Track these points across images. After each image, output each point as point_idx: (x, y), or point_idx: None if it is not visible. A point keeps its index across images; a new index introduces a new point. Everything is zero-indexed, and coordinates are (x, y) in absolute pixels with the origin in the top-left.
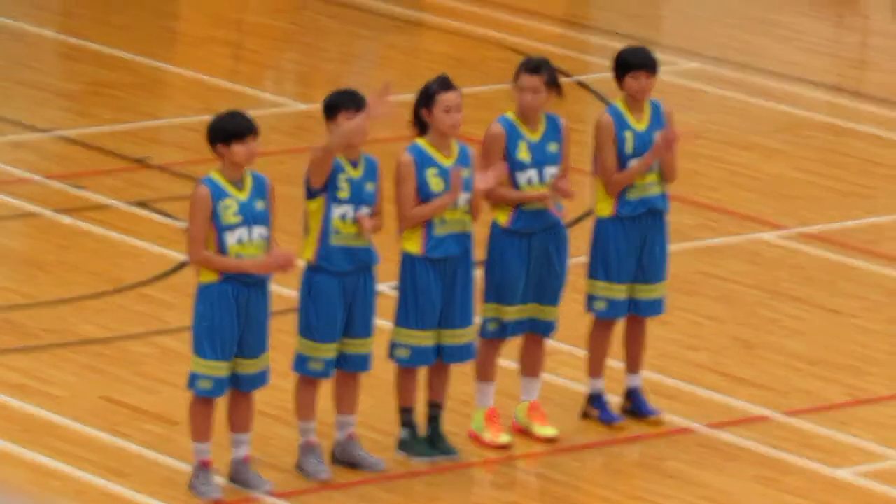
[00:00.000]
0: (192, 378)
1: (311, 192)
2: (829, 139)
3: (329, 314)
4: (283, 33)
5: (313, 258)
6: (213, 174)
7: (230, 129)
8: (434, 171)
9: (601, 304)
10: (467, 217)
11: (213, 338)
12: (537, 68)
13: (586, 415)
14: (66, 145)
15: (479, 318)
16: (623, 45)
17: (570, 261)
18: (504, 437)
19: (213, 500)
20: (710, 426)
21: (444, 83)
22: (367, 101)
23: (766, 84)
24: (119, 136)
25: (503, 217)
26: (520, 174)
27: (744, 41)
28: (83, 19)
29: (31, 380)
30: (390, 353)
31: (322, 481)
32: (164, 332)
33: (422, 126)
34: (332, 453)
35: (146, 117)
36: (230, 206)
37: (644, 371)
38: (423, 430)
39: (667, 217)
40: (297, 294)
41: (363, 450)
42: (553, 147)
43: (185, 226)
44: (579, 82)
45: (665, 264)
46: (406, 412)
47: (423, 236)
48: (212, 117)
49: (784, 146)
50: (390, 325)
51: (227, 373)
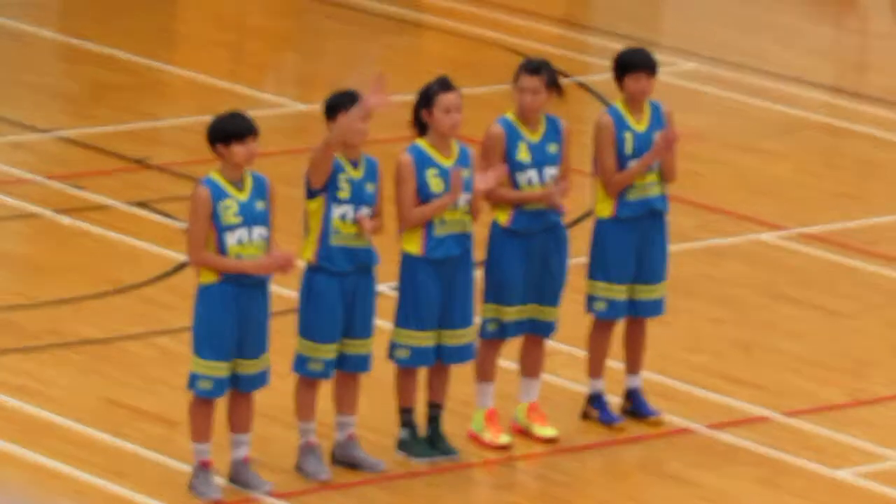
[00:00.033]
0: (192, 378)
1: (311, 192)
2: (828, 140)
3: (329, 315)
4: (283, 34)
5: (313, 258)
6: (213, 175)
7: (230, 130)
8: (434, 171)
9: (601, 305)
10: (467, 217)
11: (213, 338)
12: (537, 69)
13: (586, 415)
14: (66, 146)
15: (478, 319)
16: (622, 46)
17: (570, 261)
18: (504, 438)
19: (213, 501)
20: (709, 427)
21: (444, 84)
22: (362, 94)
23: (765, 85)
24: (119, 137)
25: (503, 217)
26: (520, 175)
27: (743, 42)
28: (83, 20)
29: (30, 380)
30: (390, 354)
31: (322, 482)
32: (163, 332)
33: (421, 127)
34: (331, 454)
35: (146, 118)
36: (230, 206)
37: (644, 372)
38: (423, 430)
39: (666, 218)
40: (296, 295)
41: (363, 450)
42: (553, 148)
43: (186, 226)
44: (579, 83)
45: (665, 265)
46: (406, 412)
47: (423, 237)
48: (212, 118)
49: (783, 147)
50: (390, 325)
51: (227, 373)
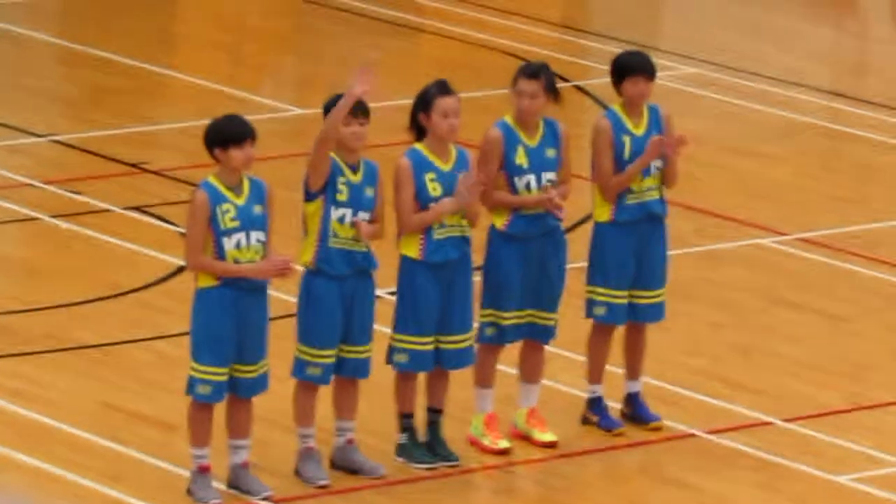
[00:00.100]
0: (191, 383)
1: (309, 195)
2: (827, 144)
3: (327, 319)
4: (282, 38)
5: (312, 261)
6: (211, 179)
7: (228, 134)
8: (432, 175)
9: (601, 310)
10: (466, 221)
11: (212, 343)
12: (535, 73)
13: (586, 420)
14: (64, 150)
15: (477, 323)
16: (621, 50)
17: (570, 266)
18: (503, 443)
19: None
20: (709, 432)
21: (443, 88)
22: (349, 81)
23: (764, 89)
24: (117, 141)
25: (500, 221)
26: (517, 179)
27: (742, 46)
28: (81, 24)
29: (28, 385)
30: (389, 359)
31: (321, 487)
32: (162, 337)
33: (419, 131)
34: (331, 459)
35: (144, 122)
36: (228, 210)
37: (643, 377)
38: (422, 435)
39: (665, 222)
40: (295, 299)
41: (362, 455)
42: (551, 153)
43: (184, 230)
44: (577, 87)
45: (665, 270)
46: (405, 417)
47: (421, 241)
48: (209, 122)
49: (783, 151)
50: (389, 330)
51: (225, 378)
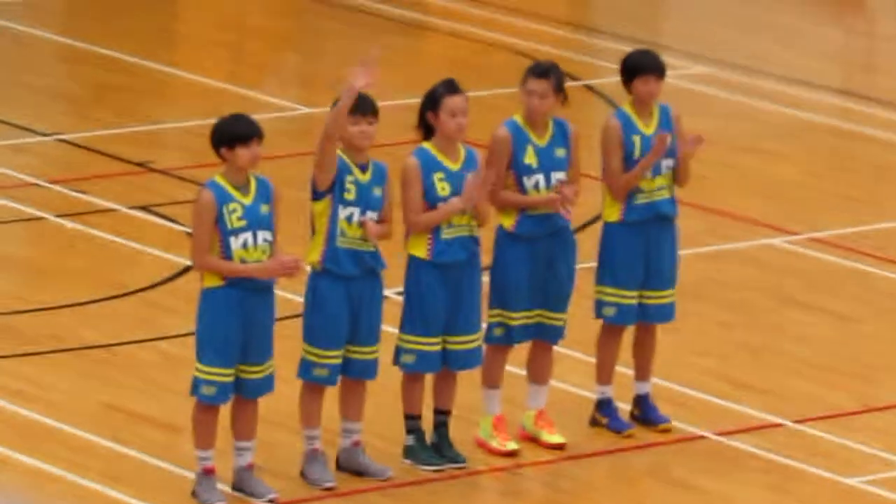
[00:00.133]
0: (196, 384)
1: (317, 194)
2: (837, 143)
3: (334, 320)
4: (287, 36)
5: (319, 260)
6: (218, 178)
7: (234, 133)
8: (441, 175)
9: (610, 310)
10: (474, 221)
11: (217, 343)
12: (545, 72)
13: (595, 422)
14: (69, 149)
15: (485, 324)
16: (629, 49)
17: (579, 266)
18: (511, 445)
19: None
20: (719, 434)
21: (451, 87)
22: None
23: (773, 88)
24: (122, 140)
25: (508, 222)
26: (526, 179)
27: (751, 44)
28: (85, 22)
29: (31, 385)
30: (396, 360)
31: (327, 489)
32: (167, 337)
33: (427, 130)
34: (337, 461)
35: (149, 121)
36: (235, 210)
37: (653, 378)
38: (429, 437)
39: (676, 222)
40: (302, 299)
41: (368, 457)
42: (560, 152)
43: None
44: (587, 86)
45: (675, 270)
46: (412, 419)
47: (429, 241)
48: (215, 121)
49: (792, 151)
50: (396, 330)
51: (230, 379)
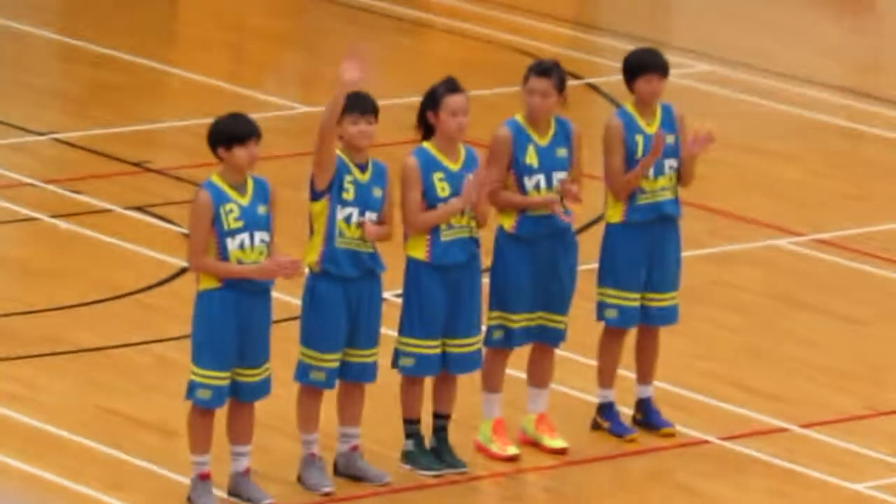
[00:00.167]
0: (191, 387)
1: (315, 194)
2: (844, 143)
3: (332, 323)
4: (285, 35)
5: (318, 261)
6: (215, 178)
7: (231, 132)
8: (441, 175)
9: (612, 313)
10: (474, 222)
11: (213, 346)
12: (547, 71)
13: (597, 426)
14: (64, 148)
15: (485, 326)
16: (632, 47)
17: (581, 267)
18: (512, 449)
19: None
20: (723, 438)
21: (451, 86)
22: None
23: (779, 87)
24: (118, 139)
25: (508, 223)
26: (527, 179)
27: (756, 43)
28: (82, 20)
29: (25, 389)
30: (395, 363)
31: (325, 495)
32: (163, 340)
33: (427, 129)
34: (335, 465)
35: (146, 120)
36: (232, 210)
37: (656, 382)
38: (428, 441)
39: (679, 223)
40: (299, 301)
41: (367, 462)
42: (562, 152)
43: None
44: (589, 84)
45: (678, 272)
46: (411, 423)
47: (428, 242)
48: (213, 120)
49: (798, 150)
50: (395, 333)
51: (227, 382)
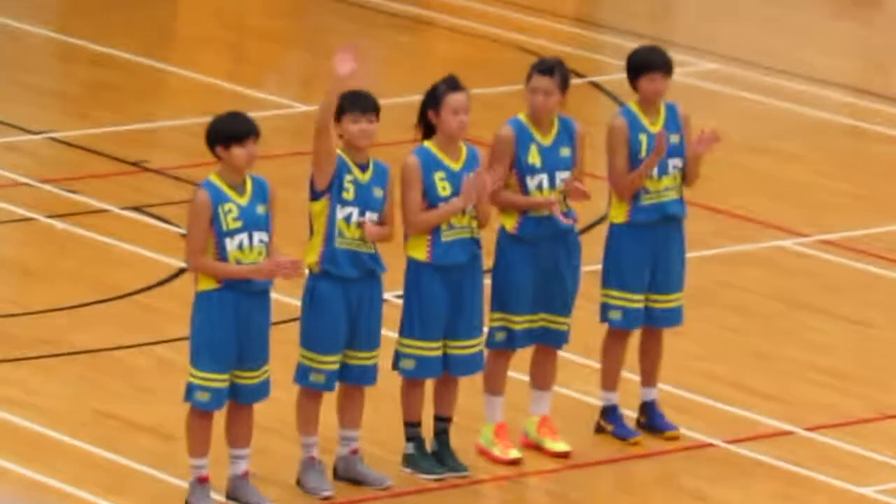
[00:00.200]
0: (189, 390)
1: (315, 194)
2: (851, 143)
3: (332, 324)
4: (285, 33)
5: (317, 262)
6: (213, 178)
7: (230, 131)
8: (442, 174)
9: (616, 314)
10: (475, 222)
11: (212, 348)
12: (550, 70)
13: (600, 429)
14: (62, 148)
15: (486, 328)
16: (635, 45)
17: (584, 269)
18: (514, 453)
19: None
20: (728, 441)
21: (452, 84)
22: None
23: (785, 86)
24: (116, 139)
25: (510, 223)
26: (529, 179)
27: (762, 41)
28: (81, 19)
29: (21, 392)
30: (395, 365)
31: (324, 498)
32: (160, 341)
33: (428, 128)
34: (334, 469)
35: (144, 119)
36: (231, 210)
37: (660, 384)
38: (430, 445)
39: (684, 224)
40: (299, 302)
41: (367, 466)
42: (565, 151)
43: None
44: (592, 83)
45: (682, 273)
46: (412, 426)
47: (429, 242)
48: (211, 119)
49: (804, 150)
50: (395, 335)
51: (225, 384)
